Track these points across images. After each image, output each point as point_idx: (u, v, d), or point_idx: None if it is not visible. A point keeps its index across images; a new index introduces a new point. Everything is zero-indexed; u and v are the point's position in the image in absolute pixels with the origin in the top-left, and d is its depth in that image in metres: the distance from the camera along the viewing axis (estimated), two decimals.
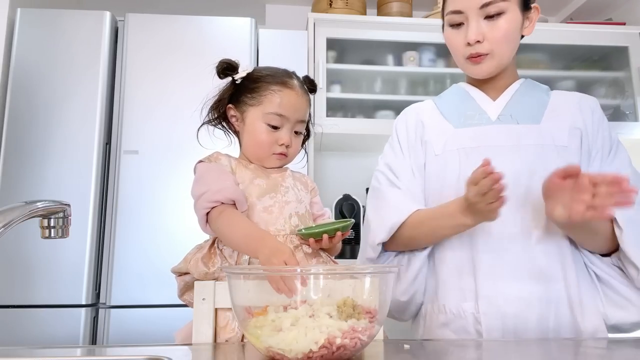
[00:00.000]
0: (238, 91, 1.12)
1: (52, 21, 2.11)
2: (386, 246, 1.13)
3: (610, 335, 1.03)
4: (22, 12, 2.10)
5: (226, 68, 1.10)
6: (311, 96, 1.16)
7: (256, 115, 1.08)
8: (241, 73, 1.11)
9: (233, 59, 1.12)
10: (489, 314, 1.01)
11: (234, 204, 1.00)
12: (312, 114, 1.23)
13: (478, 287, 1.03)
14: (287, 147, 1.09)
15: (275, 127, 1.08)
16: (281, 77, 1.10)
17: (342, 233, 1.03)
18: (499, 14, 1.04)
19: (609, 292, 1.02)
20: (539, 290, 1.01)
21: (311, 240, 1.03)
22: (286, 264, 0.79)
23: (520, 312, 1.00)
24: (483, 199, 0.91)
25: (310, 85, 1.16)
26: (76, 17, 2.13)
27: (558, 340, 0.95)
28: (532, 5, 1.10)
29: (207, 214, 1.00)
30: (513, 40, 1.07)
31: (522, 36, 1.13)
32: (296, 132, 1.11)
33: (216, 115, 1.13)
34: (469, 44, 1.05)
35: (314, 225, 1.07)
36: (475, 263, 1.04)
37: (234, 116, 1.13)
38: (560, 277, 1.02)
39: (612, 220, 0.99)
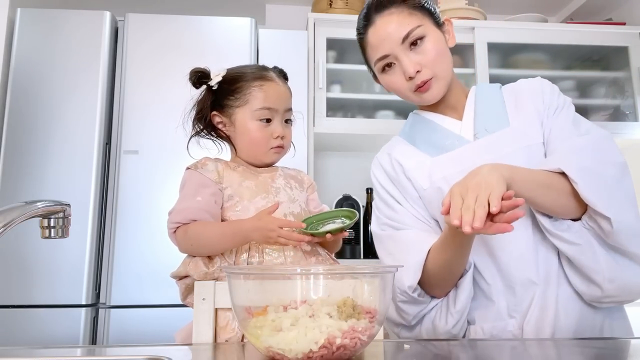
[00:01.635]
0: (218, 96, 1.11)
1: (52, 21, 2.11)
2: (430, 291, 1.05)
3: None
4: (22, 12, 2.10)
5: (201, 77, 1.10)
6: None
7: (245, 115, 1.08)
8: (216, 78, 1.10)
9: (202, 66, 1.11)
10: (527, 328, 0.99)
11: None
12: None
13: (510, 303, 1.01)
14: (282, 138, 1.10)
15: (267, 121, 1.08)
16: (259, 72, 1.11)
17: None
18: (421, 39, 1.05)
19: (574, 269, 0.98)
20: (562, 292, 0.99)
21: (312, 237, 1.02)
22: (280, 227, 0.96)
23: (548, 320, 0.98)
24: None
25: (281, 75, 1.16)
26: (76, 17, 2.13)
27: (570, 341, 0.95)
28: (443, 20, 1.11)
29: (175, 232, 1.03)
30: (446, 56, 1.08)
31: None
32: (286, 121, 1.12)
33: (202, 127, 1.13)
34: (410, 77, 1.05)
35: (313, 218, 1.05)
36: (503, 280, 1.02)
37: (221, 122, 1.12)
38: (564, 276, 1.01)
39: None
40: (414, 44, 1.04)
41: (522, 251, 1.01)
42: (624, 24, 2.66)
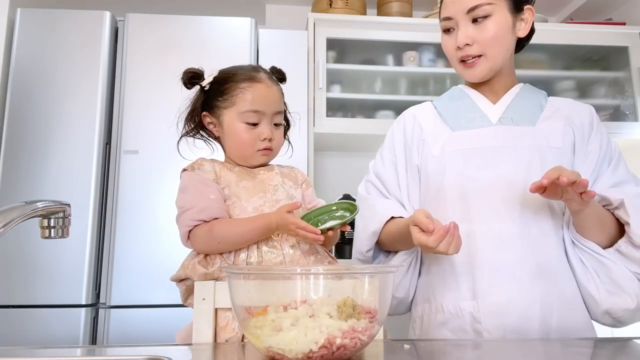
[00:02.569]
0: (209, 97, 1.11)
1: (52, 21, 2.11)
2: (380, 246, 1.17)
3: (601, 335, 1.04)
4: (22, 12, 2.10)
5: (192, 77, 1.10)
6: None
7: (232, 117, 1.08)
8: (208, 79, 1.10)
9: (197, 67, 1.11)
10: (489, 312, 1.01)
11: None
12: (286, 103, 1.21)
13: (476, 285, 1.03)
14: (270, 140, 1.09)
15: (254, 124, 1.07)
16: (248, 73, 1.09)
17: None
18: (485, 17, 1.07)
19: (605, 278, 1.02)
20: (539, 288, 1.01)
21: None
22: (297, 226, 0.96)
23: (520, 310, 1.00)
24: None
25: (279, 75, 1.15)
26: (76, 17, 2.13)
27: (559, 340, 0.95)
28: (526, 7, 1.12)
29: (190, 230, 1.03)
30: (504, 42, 1.10)
31: (525, 39, 1.17)
32: (275, 125, 1.11)
33: (192, 126, 1.13)
34: (459, 47, 1.09)
35: (311, 214, 1.04)
36: (474, 262, 1.04)
37: (211, 123, 1.12)
38: (559, 274, 1.03)
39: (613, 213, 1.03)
40: (477, 19, 1.08)
41: (500, 235, 1.03)
42: (624, 24, 2.66)
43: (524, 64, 2.60)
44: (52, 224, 0.82)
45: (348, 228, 1.02)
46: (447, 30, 1.13)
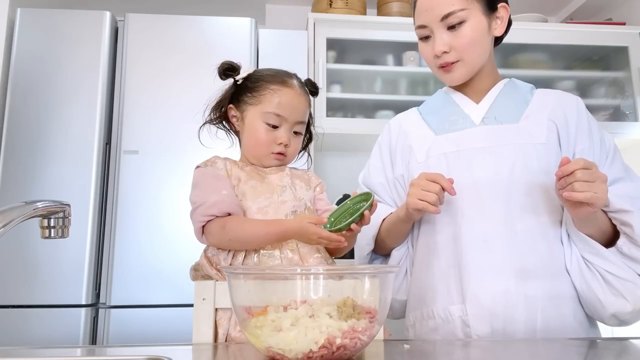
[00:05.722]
0: (239, 91, 1.12)
1: (52, 21, 2.11)
2: (376, 247, 1.19)
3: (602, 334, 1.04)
4: (22, 12, 2.10)
5: (227, 69, 1.11)
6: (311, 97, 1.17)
7: (255, 115, 1.09)
8: (242, 74, 1.11)
9: (235, 61, 1.13)
10: (477, 315, 1.00)
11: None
12: (313, 116, 1.24)
13: (464, 288, 1.02)
14: (285, 146, 1.09)
15: (273, 127, 1.08)
16: (281, 77, 1.11)
17: (370, 210, 0.98)
18: (460, 23, 1.06)
19: (610, 279, 1.00)
20: (524, 288, 1.00)
21: (342, 233, 0.98)
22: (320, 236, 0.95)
23: (507, 312, 0.99)
24: (423, 189, 0.98)
25: (311, 88, 1.16)
26: (76, 17, 2.13)
27: (561, 341, 0.95)
28: (500, 5, 1.11)
29: (203, 226, 1.02)
30: (480, 45, 1.09)
31: (501, 37, 1.15)
32: (295, 133, 1.12)
33: (217, 115, 1.14)
34: (436, 55, 1.09)
35: (330, 217, 1.01)
36: (461, 264, 1.04)
37: (235, 116, 1.13)
38: (547, 273, 1.02)
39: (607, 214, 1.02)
40: (452, 26, 1.06)
41: (486, 236, 1.03)
42: (624, 24, 2.66)
43: (524, 64, 2.61)
44: (52, 224, 0.82)
45: (367, 218, 0.97)
46: (423, 38, 1.12)
